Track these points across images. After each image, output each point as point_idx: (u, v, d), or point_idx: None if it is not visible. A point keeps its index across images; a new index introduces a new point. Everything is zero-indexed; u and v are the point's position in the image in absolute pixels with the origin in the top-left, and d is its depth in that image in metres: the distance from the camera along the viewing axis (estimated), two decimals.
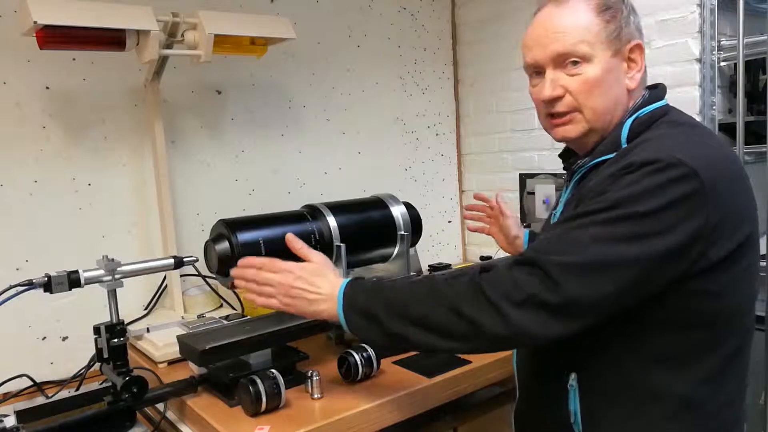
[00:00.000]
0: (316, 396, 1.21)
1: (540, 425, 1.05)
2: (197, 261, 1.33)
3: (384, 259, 1.64)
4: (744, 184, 0.91)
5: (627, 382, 0.91)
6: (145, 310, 1.70)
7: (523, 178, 2.20)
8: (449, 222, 2.48)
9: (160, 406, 1.26)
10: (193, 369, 1.34)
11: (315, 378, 1.21)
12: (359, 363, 1.27)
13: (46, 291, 1.11)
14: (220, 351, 1.23)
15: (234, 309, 1.73)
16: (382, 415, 1.19)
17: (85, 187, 1.64)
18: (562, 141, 1.05)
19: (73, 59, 1.61)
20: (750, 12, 1.61)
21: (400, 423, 1.22)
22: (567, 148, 1.11)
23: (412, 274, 1.61)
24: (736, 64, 1.62)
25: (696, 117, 1.66)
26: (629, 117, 0.97)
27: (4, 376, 1.45)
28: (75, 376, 1.51)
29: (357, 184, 2.15)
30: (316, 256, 1.11)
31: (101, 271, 1.17)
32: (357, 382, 1.28)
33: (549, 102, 0.98)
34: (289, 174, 2.02)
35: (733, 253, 0.87)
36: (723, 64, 1.69)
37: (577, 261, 0.84)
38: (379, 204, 1.65)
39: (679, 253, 0.84)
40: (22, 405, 1.31)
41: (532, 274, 0.85)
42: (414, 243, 1.68)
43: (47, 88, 1.58)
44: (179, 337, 1.32)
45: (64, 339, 1.61)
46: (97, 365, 1.21)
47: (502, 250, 1.52)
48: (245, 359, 1.30)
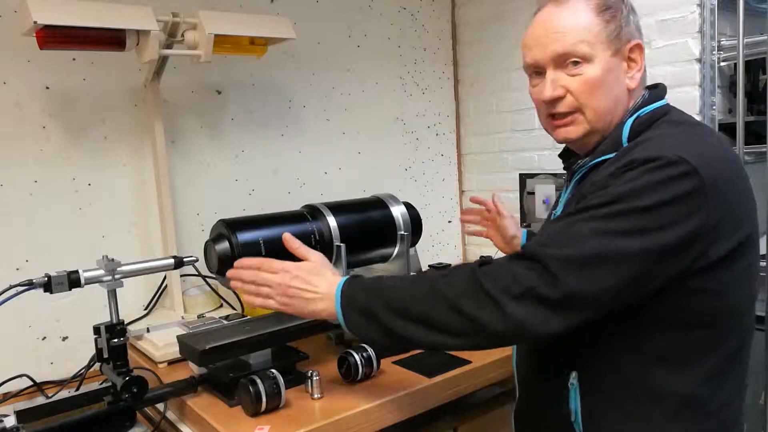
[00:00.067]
0: (316, 396, 1.21)
1: (540, 424, 1.05)
2: (197, 261, 1.33)
3: (384, 259, 1.64)
4: (744, 183, 0.91)
5: (627, 381, 0.91)
6: (145, 310, 1.70)
7: (523, 178, 2.20)
8: (449, 222, 2.48)
9: (160, 406, 1.26)
10: (193, 369, 1.34)
11: (315, 378, 1.21)
12: (359, 363, 1.27)
13: (46, 291, 1.11)
14: (220, 351, 1.23)
15: (234, 309, 1.73)
16: (382, 415, 1.19)
17: (85, 187, 1.64)
18: (563, 142, 1.05)
19: (73, 59, 1.61)
20: (750, 12, 1.61)
21: (400, 423, 1.22)
22: (567, 148, 1.11)
23: (412, 273, 1.61)
24: (736, 64, 1.62)
25: (696, 117, 1.66)
26: (630, 117, 0.97)
27: (4, 376, 1.45)
28: (75, 376, 1.51)
29: (357, 184, 2.15)
30: (313, 255, 1.11)
31: (101, 271, 1.17)
32: (357, 382, 1.28)
33: (550, 102, 0.98)
34: (289, 174, 2.02)
35: (734, 252, 0.87)
36: (723, 64, 1.69)
37: (576, 254, 0.83)
38: (379, 204, 1.65)
39: (678, 250, 0.83)
40: (22, 405, 1.31)
41: (531, 268, 0.85)
42: (414, 243, 1.68)
43: (47, 88, 1.58)
44: (179, 337, 1.32)
45: (64, 339, 1.61)
46: (97, 365, 1.21)
47: (500, 251, 1.51)
48: (245, 359, 1.30)
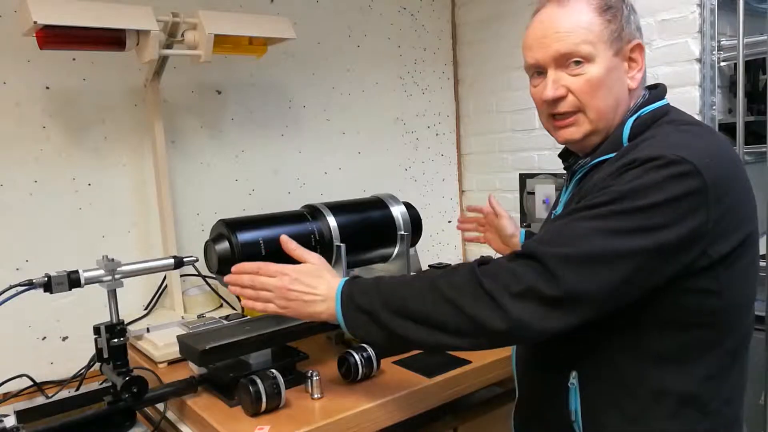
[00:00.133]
0: (316, 396, 1.21)
1: (540, 424, 1.05)
2: (197, 261, 1.33)
3: (384, 259, 1.64)
4: (744, 183, 0.91)
5: (627, 381, 0.91)
6: (145, 310, 1.70)
7: (523, 178, 2.19)
8: (449, 222, 2.48)
9: (160, 406, 1.26)
10: (193, 369, 1.34)
11: (315, 378, 1.21)
12: (359, 363, 1.27)
13: (46, 291, 1.10)
14: (220, 351, 1.23)
15: (234, 309, 1.73)
16: (382, 415, 1.19)
17: (85, 187, 1.64)
18: (565, 143, 1.05)
19: (73, 59, 1.61)
20: (750, 12, 1.61)
21: (400, 423, 1.22)
22: (566, 148, 1.10)
23: (411, 273, 1.61)
24: (736, 64, 1.62)
25: (696, 117, 1.66)
26: (630, 117, 0.97)
27: (4, 376, 1.45)
28: (75, 376, 1.51)
29: (357, 184, 2.15)
30: (311, 257, 1.11)
31: (101, 271, 1.17)
32: (357, 382, 1.28)
33: (551, 102, 0.98)
34: (289, 174, 2.02)
35: (734, 251, 0.87)
36: (723, 64, 1.68)
37: (576, 253, 0.83)
38: (379, 204, 1.64)
39: (679, 249, 0.84)
40: (22, 405, 1.30)
41: (531, 266, 0.85)
42: (414, 243, 1.68)
43: (47, 88, 1.58)
44: (179, 337, 1.32)
45: (64, 339, 1.61)
46: (97, 365, 1.21)
47: (498, 252, 1.51)
48: (245, 359, 1.30)
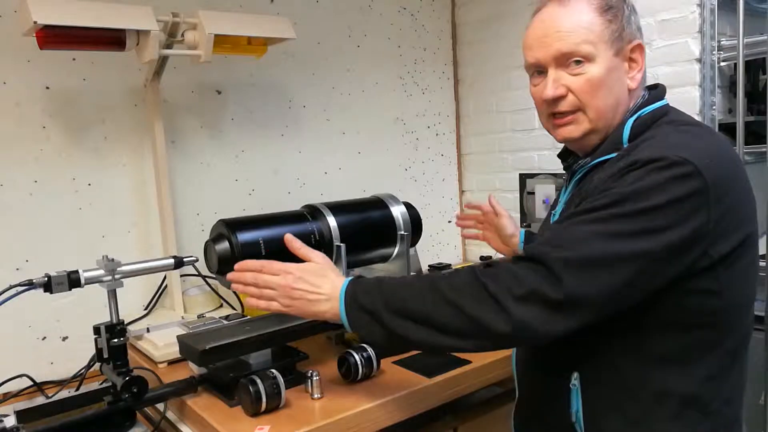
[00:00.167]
0: (316, 396, 1.21)
1: (541, 425, 1.05)
2: (197, 261, 1.33)
3: (384, 259, 1.64)
4: (744, 183, 0.91)
5: (629, 382, 0.91)
6: (145, 310, 1.70)
7: (523, 178, 2.19)
8: (449, 222, 2.48)
9: (160, 406, 1.26)
10: (193, 369, 1.34)
11: (315, 378, 1.21)
12: (359, 363, 1.27)
13: (46, 291, 1.10)
14: (220, 351, 1.23)
15: (234, 309, 1.73)
16: (382, 415, 1.19)
17: (85, 187, 1.64)
18: (563, 142, 1.05)
19: (73, 59, 1.61)
20: (750, 12, 1.61)
21: (400, 423, 1.22)
22: (566, 148, 1.11)
23: (412, 273, 1.61)
24: (736, 64, 1.62)
25: (696, 117, 1.65)
26: (630, 117, 0.97)
27: (4, 376, 1.45)
28: (75, 376, 1.51)
29: (357, 184, 2.15)
30: (316, 256, 1.10)
31: (101, 271, 1.17)
32: (357, 382, 1.28)
33: (551, 102, 0.98)
34: (289, 174, 2.02)
35: (734, 251, 0.87)
36: (723, 64, 1.68)
37: (579, 256, 0.83)
38: (379, 204, 1.64)
39: (681, 251, 0.84)
40: (22, 405, 1.30)
41: (535, 270, 0.85)
42: (414, 243, 1.68)
43: (47, 88, 1.58)
44: (179, 337, 1.32)
45: (64, 339, 1.61)
46: (97, 365, 1.21)
47: (497, 251, 1.50)
48: (245, 359, 1.30)
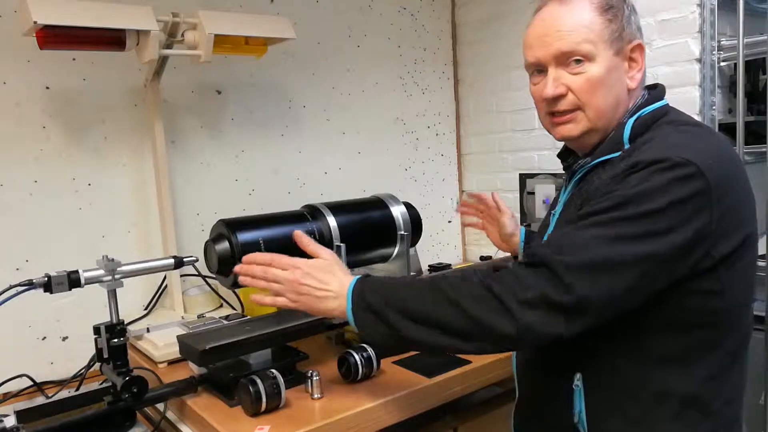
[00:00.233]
0: (316, 396, 1.21)
1: (541, 425, 1.05)
2: (197, 261, 1.33)
3: (384, 259, 1.64)
4: (744, 183, 0.92)
5: (631, 383, 0.92)
6: (145, 310, 1.70)
7: (523, 178, 2.19)
8: (449, 222, 2.48)
9: (160, 406, 1.26)
10: (193, 369, 1.34)
11: (315, 378, 1.21)
12: (359, 363, 1.27)
13: (46, 291, 1.10)
14: (220, 351, 1.23)
15: (234, 309, 1.73)
16: (382, 415, 1.19)
17: (85, 187, 1.64)
18: (562, 140, 1.05)
19: (73, 59, 1.61)
20: (750, 12, 1.61)
21: (400, 423, 1.22)
22: (566, 148, 1.11)
23: (412, 273, 1.61)
24: (736, 64, 1.62)
25: (696, 117, 1.65)
26: (630, 117, 0.97)
27: (4, 376, 1.45)
28: (75, 376, 1.51)
29: (357, 184, 2.15)
30: (324, 253, 1.10)
31: (101, 271, 1.17)
32: (357, 382, 1.28)
33: (551, 100, 0.98)
34: (289, 174, 2.02)
35: (735, 251, 0.87)
36: (723, 64, 1.69)
37: (586, 260, 0.84)
38: (379, 204, 1.64)
39: (685, 252, 0.84)
40: (22, 405, 1.31)
41: (542, 275, 0.85)
42: (414, 243, 1.67)
43: (47, 88, 1.58)
44: (179, 337, 1.32)
45: (64, 339, 1.61)
46: (97, 365, 1.21)
47: (496, 246, 1.50)
48: (245, 359, 1.30)
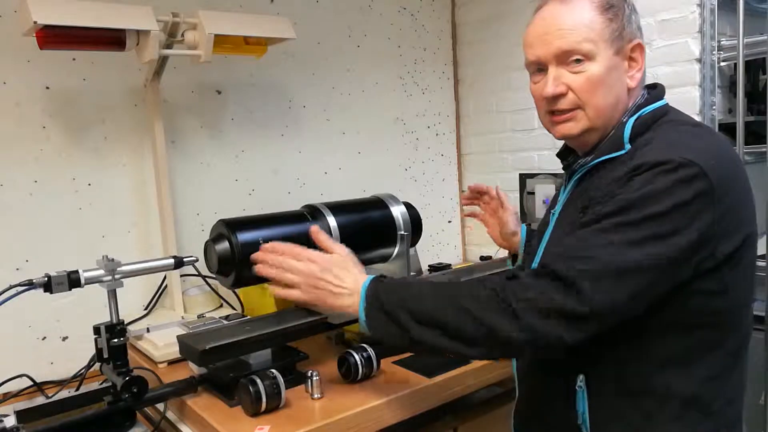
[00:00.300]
0: (316, 396, 1.21)
1: (541, 425, 1.05)
2: (197, 261, 1.33)
3: (384, 259, 1.64)
4: (744, 183, 0.92)
5: (634, 383, 0.92)
6: (145, 310, 1.70)
7: (523, 178, 2.19)
8: (449, 222, 2.48)
9: (160, 406, 1.26)
10: (193, 369, 1.34)
11: (315, 378, 1.21)
12: (359, 363, 1.27)
13: (46, 291, 1.10)
14: (220, 351, 1.22)
15: (234, 309, 1.73)
16: (382, 415, 1.19)
17: (85, 187, 1.64)
18: (562, 139, 1.05)
19: (73, 59, 1.61)
20: (750, 12, 1.61)
21: (400, 423, 1.22)
22: (565, 147, 1.11)
23: (412, 273, 1.61)
24: (736, 64, 1.62)
25: (696, 117, 1.66)
26: (631, 116, 0.97)
27: (4, 376, 1.45)
28: (75, 376, 1.51)
29: (357, 184, 2.15)
30: (341, 249, 1.10)
31: (101, 271, 1.17)
32: (357, 382, 1.28)
33: (551, 99, 0.98)
34: (289, 174, 2.02)
35: (736, 251, 0.87)
36: (723, 64, 1.68)
37: (598, 268, 0.83)
38: (379, 204, 1.64)
39: (690, 253, 0.84)
40: (22, 405, 1.31)
41: (555, 284, 0.85)
42: (414, 243, 1.67)
43: (47, 88, 1.58)
44: (179, 337, 1.32)
45: (64, 339, 1.61)
46: (97, 365, 1.21)
47: (495, 242, 1.49)
48: (245, 359, 1.30)
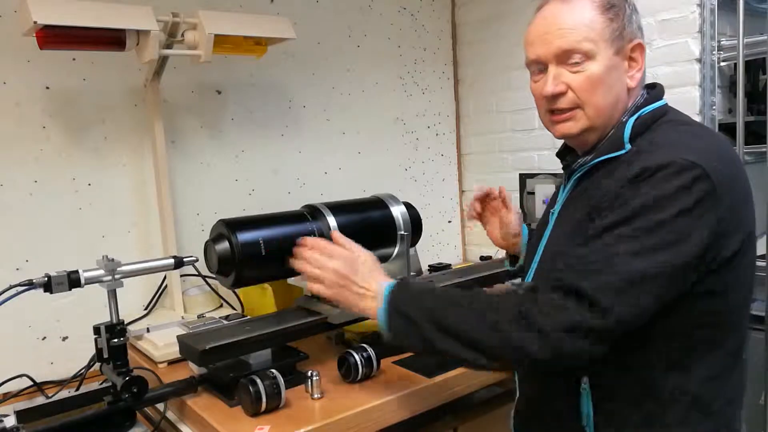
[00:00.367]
0: (316, 396, 1.21)
1: (542, 425, 1.05)
2: (197, 261, 1.33)
3: (384, 259, 1.63)
4: (744, 183, 0.92)
5: (636, 385, 0.92)
6: (145, 310, 1.70)
7: (523, 178, 2.19)
8: (449, 222, 2.48)
9: (160, 406, 1.26)
10: (193, 369, 1.34)
11: (315, 378, 1.21)
12: (359, 363, 1.27)
13: (46, 291, 1.10)
14: (220, 351, 1.23)
15: (234, 309, 1.73)
16: (382, 415, 1.19)
17: (85, 187, 1.64)
18: (561, 138, 1.05)
19: (73, 59, 1.61)
20: (750, 12, 1.61)
21: (400, 423, 1.22)
22: (565, 147, 1.11)
23: (412, 273, 1.61)
24: (736, 64, 1.62)
25: (696, 117, 1.66)
26: (631, 116, 0.97)
27: (4, 376, 1.45)
28: (75, 376, 1.51)
29: (357, 184, 2.15)
30: (365, 253, 1.10)
31: (101, 271, 1.17)
32: (357, 382, 1.28)
33: (551, 98, 0.98)
34: (289, 174, 2.02)
35: (738, 251, 0.88)
36: (723, 64, 1.69)
37: (616, 281, 0.83)
38: (379, 204, 1.64)
39: (701, 254, 0.84)
40: (22, 405, 1.31)
41: (577, 301, 0.84)
42: (414, 243, 1.67)
43: (47, 88, 1.58)
44: (179, 337, 1.32)
45: (64, 339, 1.61)
46: (97, 365, 1.21)
47: (494, 243, 1.47)
48: (245, 359, 1.30)
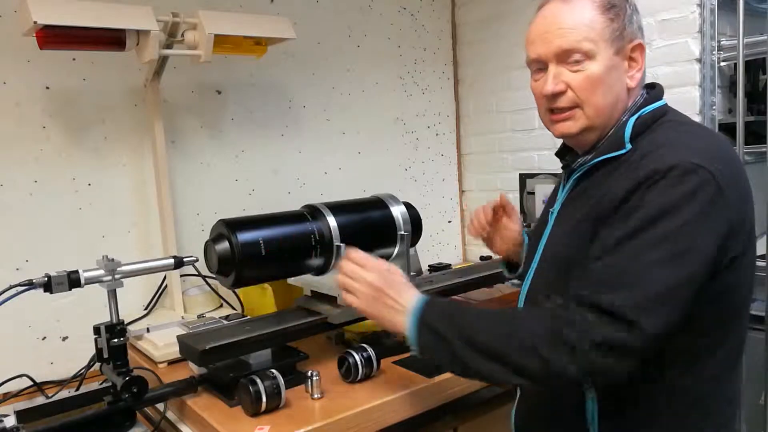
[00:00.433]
0: (316, 396, 1.21)
1: (542, 424, 1.05)
2: (197, 261, 1.33)
3: (384, 259, 1.63)
4: (744, 183, 0.92)
5: (639, 384, 0.92)
6: (145, 310, 1.70)
7: (523, 178, 2.19)
8: (449, 222, 2.48)
9: (160, 406, 1.26)
10: (193, 369, 1.34)
11: (315, 378, 1.21)
12: (359, 363, 1.27)
13: (46, 291, 1.11)
14: (220, 351, 1.23)
15: (234, 309, 1.73)
16: (382, 415, 1.19)
17: (85, 187, 1.64)
18: (561, 137, 1.05)
19: (73, 59, 1.61)
20: (750, 12, 1.61)
21: (400, 423, 1.22)
22: (564, 146, 1.11)
23: (412, 273, 1.61)
24: (736, 64, 1.62)
25: (696, 117, 1.66)
26: (631, 116, 0.97)
27: (4, 376, 1.45)
28: (75, 376, 1.51)
29: (357, 184, 2.15)
30: (394, 267, 1.10)
31: (101, 271, 1.17)
32: (357, 382, 1.28)
33: (551, 97, 0.98)
34: (289, 174, 2.02)
35: (741, 251, 0.88)
36: (723, 64, 1.68)
37: (643, 295, 0.82)
38: (379, 204, 1.64)
39: (716, 256, 0.85)
40: (22, 405, 1.31)
41: (606, 319, 0.83)
42: (414, 243, 1.67)
43: (47, 88, 1.58)
44: (179, 337, 1.32)
45: (64, 339, 1.61)
46: (97, 365, 1.21)
47: (489, 248, 1.42)
48: (245, 359, 1.30)
